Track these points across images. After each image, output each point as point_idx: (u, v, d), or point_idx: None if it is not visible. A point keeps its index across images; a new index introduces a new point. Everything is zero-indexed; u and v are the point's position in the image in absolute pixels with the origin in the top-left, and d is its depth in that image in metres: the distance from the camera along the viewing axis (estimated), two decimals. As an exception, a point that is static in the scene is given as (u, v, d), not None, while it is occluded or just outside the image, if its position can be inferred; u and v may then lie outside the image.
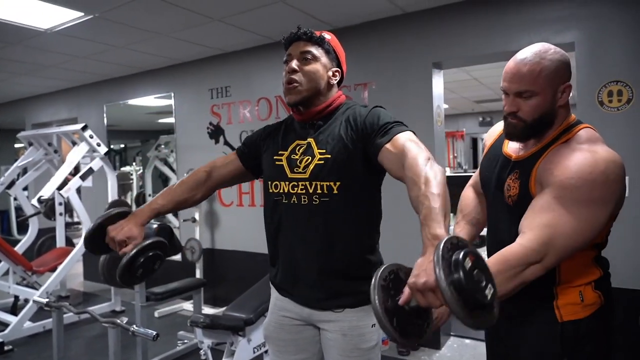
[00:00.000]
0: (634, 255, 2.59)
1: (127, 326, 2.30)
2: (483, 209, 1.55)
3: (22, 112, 6.31)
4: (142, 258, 1.41)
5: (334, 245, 1.32)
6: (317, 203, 1.31)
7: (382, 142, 1.23)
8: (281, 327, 1.45)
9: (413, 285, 0.89)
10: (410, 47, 3.29)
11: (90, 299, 4.87)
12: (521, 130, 1.26)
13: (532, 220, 1.15)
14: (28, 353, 3.46)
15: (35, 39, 3.59)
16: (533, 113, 1.23)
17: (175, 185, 1.54)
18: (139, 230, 1.39)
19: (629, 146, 2.59)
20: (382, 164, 1.24)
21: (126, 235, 1.36)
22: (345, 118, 1.35)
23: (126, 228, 1.37)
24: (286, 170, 1.36)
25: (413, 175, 1.08)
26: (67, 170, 4.08)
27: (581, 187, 1.12)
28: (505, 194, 1.29)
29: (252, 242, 4.08)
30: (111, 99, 5.22)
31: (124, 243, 1.37)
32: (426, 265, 0.89)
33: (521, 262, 1.10)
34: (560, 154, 1.19)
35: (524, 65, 1.21)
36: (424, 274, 0.88)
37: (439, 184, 1.03)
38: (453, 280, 0.83)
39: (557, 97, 1.23)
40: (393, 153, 1.20)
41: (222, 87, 4.31)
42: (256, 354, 2.68)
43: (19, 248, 4.55)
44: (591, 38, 2.68)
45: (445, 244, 0.86)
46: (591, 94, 2.67)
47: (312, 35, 1.36)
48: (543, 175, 1.19)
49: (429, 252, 0.91)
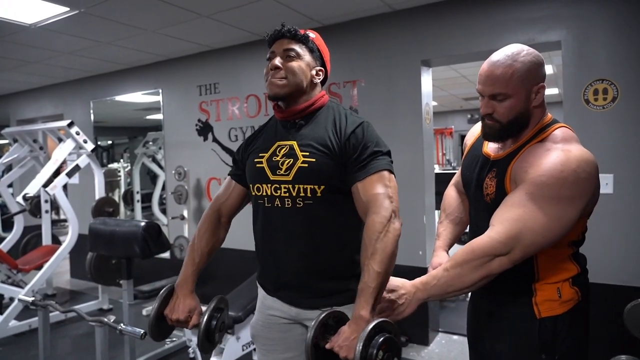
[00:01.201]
0: (618, 252, 2.64)
1: (114, 325, 2.29)
2: (466, 207, 1.59)
3: (6, 108, 6.20)
4: (214, 322, 1.39)
5: (319, 247, 1.32)
6: (300, 206, 1.30)
7: (357, 177, 1.26)
8: (269, 326, 1.45)
9: (337, 352, 1.13)
10: (399, 45, 3.30)
11: (77, 297, 4.82)
12: (497, 131, 1.29)
13: (502, 214, 1.18)
14: (13, 352, 3.42)
15: (20, 34, 3.53)
16: (508, 114, 1.25)
17: (195, 241, 1.49)
18: (194, 300, 1.42)
19: (614, 144, 2.63)
20: (352, 196, 1.29)
21: (187, 310, 1.39)
22: (331, 122, 1.34)
23: (182, 305, 1.40)
24: (267, 173, 1.34)
25: (366, 240, 1.19)
26: (53, 168, 4.03)
27: (552, 185, 1.14)
28: (484, 192, 1.32)
29: (240, 240, 4.05)
30: (98, 95, 5.15)
31: (189, 318, 1.39)
32: (349, 342, 1.11)
33: (487, 253, 1.15)
34: (535, 153, 1.21)
35: (496, 68, 1.25)
36: (346, 349, 1.11)
37: (383, 259, 1.16)
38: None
39: (532, 98, 1.25)
40: (361, 197, 1.25)
41: (211, 84, 4.28)
42: (245, 352, 2.68)
43: (4, 246, 4.48)
44: (577, 37, 2.71)
45: (370, 331, 1.08)
46: (577, 92, 2.70)
47: (296, 33, 1.35)
48: (517, 173, 1.22)
49: (352, 328, 1.13)
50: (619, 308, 2.54)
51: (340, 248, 1.34)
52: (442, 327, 3.60)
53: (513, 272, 1.19)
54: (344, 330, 1.15)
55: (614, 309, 2.58)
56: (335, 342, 1.14)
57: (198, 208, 4.41)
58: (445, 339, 3.47)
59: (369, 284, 1.14)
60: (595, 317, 2.79)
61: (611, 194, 2.63)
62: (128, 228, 2.94)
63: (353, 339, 1.10)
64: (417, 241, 3.27)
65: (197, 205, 4.42)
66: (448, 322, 3.70)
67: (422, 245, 3.24)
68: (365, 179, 1.24)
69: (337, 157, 1.29)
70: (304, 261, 1.33)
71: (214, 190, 4.28)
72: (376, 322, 1.10)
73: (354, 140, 1.28)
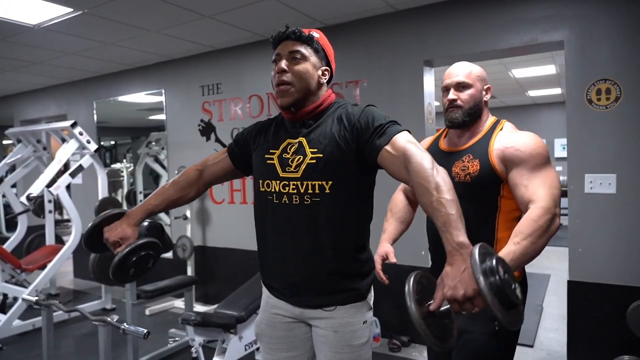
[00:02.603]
0: (621, 252, 2.63)
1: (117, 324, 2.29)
2: (410, 210, 1.87)
3: (10, 108, 6.23)
4: (134, 257, 1.45)
5: (325, 245, 1.32)
6: (308, 203, 1.30)
7: (381, 143, 1.23)
8: (273, 325, 1.45)
9: (451, 297, 0.96)
10: (401, 45, 3.30)
11: (81, 297, 4.84)
12: (461, 115, 1.60)
13: (530, 188, 1.45)
14: (17, 352, 3.44)
15: (24, 34, 3.54)
16: (469, 101, 1.61)
17: (167, 185, 1.55)
18: (132, 231, 1.45)
19: (617, 144, 2.63)
20: (382, 165, 1.25)
21: (119, 235, 1.43)
22: (338, 116, 1.34)
23: (119, 229, 1.44)
24: (278, 169, 1.35)
25: (422, 181, 1.11)
26: (56, 168, 4.04)
27: (542, 153, 1.50)
28: (461, 174, 1.56)
29: (243, 240, 4.08)
30: (101, 96, 5.17)
31: (117, 243, 1.43)
32: (460, 276, 0.96)
33: (544, 220, 1.38)
34: (512, 139, 1.54)
35: (459, 67, 1.65)
36: (460, 285, 0.95)
37: (449, 190, 1.08)
38: (492, 286, 0.90)
39: (483, 94, 1.64)
40: (394, 155, 1.21)
41: (213, 84, 4.29)
42: (247, 352, 2.69)
43: (7, 246, 4.50)
44: (580, 37, 2.70)
45: (480, 252, 0.92)
46: (580, 92, 2.70)
47: (300, 35, 1.35)
48: (509, 156, 1.51)
49: (458, 261, 0.97)
50: (621, 308, 2.54)
51: (346, 247, 1.34)
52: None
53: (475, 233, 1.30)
54: (446, 271, 0.99)
55: (617, 310, 2.58)
56: (442, 288, 0.98)
57: (200, 208, 4.42)
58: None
59: (449, 212, 1.02)
60: (598, 317, 2.81)
61: (614, 194, 2.63)
62: (131, 228, 2.95)
63: (464, 271, 0.95)
64: (419, 241, 3.26)
65: (200, 206, 4.42)
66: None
67: (424, 245, 3.22)
68: (391, 140, 1.22)
69: (348, 145, 1.28)
70: (309, 259, 1.33)
71: (217, 190, 4.29)
72: (480, 244, 0.96)
73: (364, 120, 1.28)
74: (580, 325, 2.77)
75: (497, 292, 0.90)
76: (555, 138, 10.10)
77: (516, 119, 9.25)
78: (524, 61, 5.35)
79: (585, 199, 2.71)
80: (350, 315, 1.35)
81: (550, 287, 4.73)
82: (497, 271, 0.91)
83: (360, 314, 1.36)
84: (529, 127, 9.62)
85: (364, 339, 1.38)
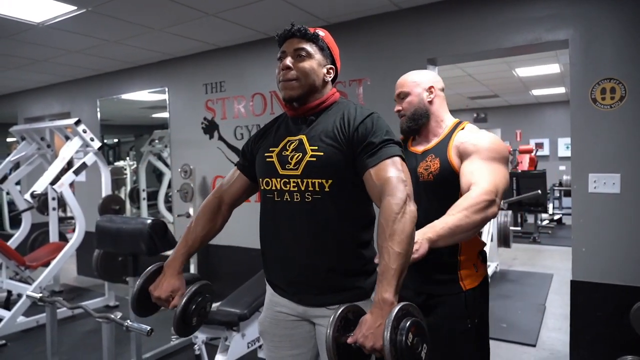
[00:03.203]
0: (625, 252, 2.62)
1: (121, 321, 2.30)
2: None
3: (14, 106, 6.25)
4: (194, 305, 1.40)
5: (327, 243, 1.32)
6: (309, 200, 1.30)
7: (368, 164, 1.24)
8: (276, 323, 1.46)
9: (362, 344, 1.05)
10: (404, 43, 3.29)
11: (84, 294, 4.86)
12: (405, 123, 1.71)
13: (475, 174, 1.48)
14: (22, 348, 3.46)
15: (28, 32, 3.55)
16: (409, 108, 1.70)
17: (192, 224, 1.52)
18: (179, 280, 1.43)
19: (622, 144, 2.61)
20: (364, 184, 1.27)
21: (169, 290, 1.41)
22: (340, 116, 1.34)
23: (166, 283, 1.41)
24: (277, 167, 1.35)
25: (383, 222, 1.15)
26: (60, 165, 4.06)
27: (497, 150, 1.55)
28: (425, 174, 1.62)
29: (246, 238, 4.08)
30: (104, 94, 5.18)
31: (170, 298, 1.41)
32: (374, 330, 1.04)
33: (484, 199, 1.41)
34: (470, 136, 1.61)
35: (400, 80, 1.74)
36: (372, 337, 1.04)
37: (403, 240, 1.11)
38: (396, 349, 0.99)
39: (425, 96, 1.70)
40: (374, 183, 1.22)
41: (217, 82, 4.29)
42: (250, 349, 2.69)
43: (11, 243, 4.52)
44: (585, 35, 2.69)
45: (397, 315, 1.01)
46: (584, 91, 2.69)
47: (306, 32, 1.34)
48: (463, 149, 1.57)
49: (376, 314, 1.06)
50: (625, 308, 2.53)
51: (348, 245, 1.34)
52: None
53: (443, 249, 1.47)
54: (366, 319, 1.08)
55: (620, 309, 2.57)
56: (359, 333, 1.07)
57: (204, 206, 4.42)
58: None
59: (390, 265, 1.09)
60: (601, 318, 2.80)
61: (618, 193, 2.62)
62: (134, 225, 2.96)
63: (378, 325, 1.04)
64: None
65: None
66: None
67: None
68: (378, 165, 1.23)
69: (346, 149, 1.28)
70: (311, 257, 1.33)
71: (220, 188, 4.29)
72: (402, 304, 1.04)
73: (363, 130, 1.27)
74: (583, 325, 2.77)
75: (401, 354, 0.99)
76: (559, 137, 10.09)
77: (520, 118, 9.29)
78: (527, 60, 5.33)
79: (589, 199, 2.70)
80: (353, 313, 1.36)
81: (553, 287, 4.72)
82: (406, 335, 1.00)
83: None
84: (533, 126, 9.70)
85: (367, 337, 1.38)
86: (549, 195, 8.41)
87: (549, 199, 8.49)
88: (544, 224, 8.16)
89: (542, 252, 6.51)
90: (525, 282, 4.97)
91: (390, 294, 1.07)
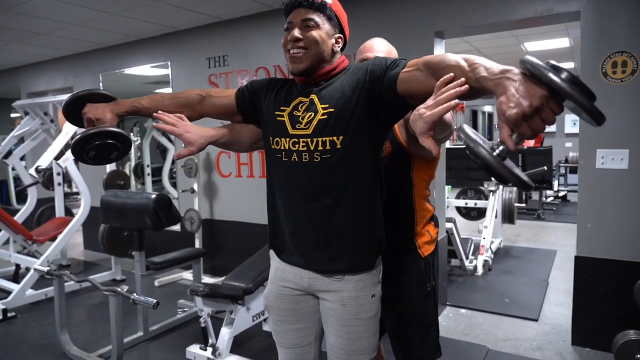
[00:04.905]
0: (631, 228, 2.61)
1: (127, 294, 2.34)
2: None
3: (16, 80, 6.22)
4: (98, 141, 1.40)
5: (336, 204, 1.30)
6: (318, 160, 1.28)
7: (397, 72, 1.19)
8: (281, 297, 1.46)
9: (516, 116, 0.83)
10: (411, 16, 3.22)
11: (91, 268, 4.92)
12: None
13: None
14: (31, 320, 3.53)
15: (27, 4, 3.49)
16: None
17: (166, 95, 1.50)
18: (112, 118, 1.43)
19: (632, 118, 2.57)
20: (403, 88, 1.18)
21: (97, 116, 1.41)
22: (350, 73, 1.32)
23: (100, 110, 1.41)
24: (287, 126, 1.33)
25: (449, 62, 1.05)
26: (64, 140, 4.05)
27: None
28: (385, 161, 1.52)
29: (250, 213, 4.10)
30: (107, 68, 5.13)
31: (92, 122, 1.40)
32: (520, 92, 0.84)
33: None
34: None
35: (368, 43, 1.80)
36: (525, 97, 0.84)
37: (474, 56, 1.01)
38: (564, 78, 0.80)
39: None
40: (412, 70, 1.16)
41: (220, 56, 4.23)
42: (255, 323, 2.73)
43: (18, 217, 4.56)
44: (597, 7, 2.61)
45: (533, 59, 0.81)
46: (595, 65, 2.63)
47: (313, 2, 1.30)
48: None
49: (509, 83, 0.87)
50: (629, 283, 2.54)
51: (357, 207, 1.32)
52: (449, 301, 3.63)
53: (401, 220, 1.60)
54: (501, 100, 0.87)
55: (624, 285, 2.58)
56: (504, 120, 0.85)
57: (208, 181, 4.43)
58: (453, 312, 3.50)
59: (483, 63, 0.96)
60: (605, 293, 2.81)
61: (626, 169, 2.59)
62: (139, 200, 2.97)
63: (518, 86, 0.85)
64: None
65: (207, 179, 4.44)
66: (456, 296, 3.73)
67: (431, 220, 3.23)
68: (406, 65, 1.18)
69: (362, 93, 1.26)
70: (319, 218, 1.32)
71: (224, 163, 4.29)
72: None
73: (378, 63, 1.25)
74: (586, 300, 2.78)
75: (575, 81, 0.81)
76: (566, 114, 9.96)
77: (527, 93, 9.06)
78: (537, 34, 5.21)
79: (596, 175, 2.68)
80: (359, 289, 1.35)
81: (557, 263, 4.74)
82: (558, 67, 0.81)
83: (369, 288, 1.37)
84: (540, 101, 9.39)
85: (372, 312, 1.38)
86: (555, 171, 8.37)
87: (555, 175, 8.45)
88: (549, 200, 8.15)
89: (546, 228, 6.52)
90: (528, 258, 4.98)
91: (503, 66, 0.92)
